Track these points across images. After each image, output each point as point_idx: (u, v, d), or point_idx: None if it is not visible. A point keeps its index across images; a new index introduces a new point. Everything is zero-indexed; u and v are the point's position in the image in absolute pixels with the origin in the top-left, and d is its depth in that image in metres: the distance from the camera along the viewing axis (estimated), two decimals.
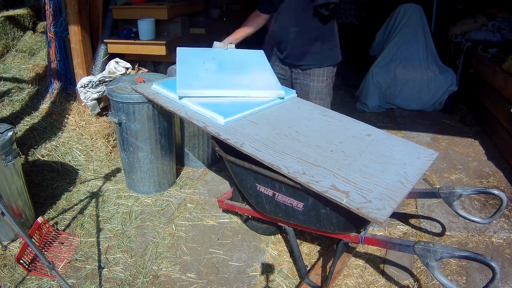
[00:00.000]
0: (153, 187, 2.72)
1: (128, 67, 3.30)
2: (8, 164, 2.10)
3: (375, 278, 2.06)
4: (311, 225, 1.76)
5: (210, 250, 2.26)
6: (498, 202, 2.45)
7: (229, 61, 2.40)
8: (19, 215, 2.27)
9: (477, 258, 1.44)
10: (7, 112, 3.51)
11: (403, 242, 1.63)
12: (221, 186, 2.88)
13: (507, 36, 4.26)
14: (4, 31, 5.23)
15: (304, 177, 1.56)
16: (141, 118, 2.44)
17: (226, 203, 2.31)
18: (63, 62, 3.55)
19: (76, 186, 2.79)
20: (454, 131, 3.72)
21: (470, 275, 2.06)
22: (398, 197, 1.49)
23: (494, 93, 3.49)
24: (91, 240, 2.31)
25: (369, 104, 4.24)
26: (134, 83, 2.52)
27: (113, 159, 3.13)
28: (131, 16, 3.45)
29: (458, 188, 1.98)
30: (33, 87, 3.98)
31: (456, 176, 2.96)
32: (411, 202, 2.64)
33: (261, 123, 1.98)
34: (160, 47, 3.30)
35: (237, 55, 2.47)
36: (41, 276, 2.02)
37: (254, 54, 2.50)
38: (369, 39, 4.99)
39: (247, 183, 1.87)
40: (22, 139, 3.09)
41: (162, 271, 2.10)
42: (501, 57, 3.56)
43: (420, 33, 4.22)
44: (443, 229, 2.38)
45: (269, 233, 2.35)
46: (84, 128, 3.27)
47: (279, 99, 2.21)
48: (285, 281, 2.05)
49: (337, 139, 1.88)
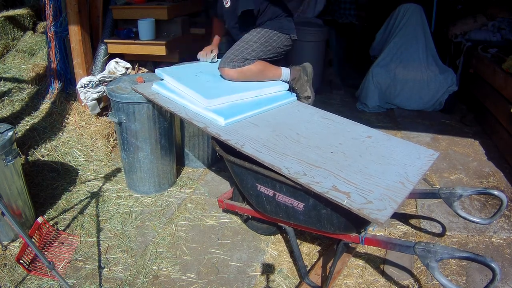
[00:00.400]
0: (153, 187, 2.72)
1: (128, 67, 3.29)
2: (8, 164, 2.10)
3: (375, 278, 2.06)
4: (312, 225, 1.76)
5: (210, 250, 2.26)
6: (498, 202, 2.46)
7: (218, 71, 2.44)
8: (19, 215, 2.27)
9: (477, 259, 1.45)
10: (7, 112, 3.51)
11: (403, 243, 1.64)
12: (221, 186, 2.88)
13: (507, 36, 4.26)
14: (4, 31, 5.22)
15: (304, 178, 1.56)
16: (141, 118, 2.44)
17: (226, 203, 2.31)
18: (63, 62, 3.55)
19: (76, 186, 2.79)
20: (454, 131, 3.72)
21: (470, 275, 2.06)
22: (399, 198, 1.49)
23: (494, 93, 3.49)
24: (91, 240, 2.31)
25: (369, 104, 4.24)
26: (134, 83, 2.52)
27: (113, 159, 3.13)
28: (131, 16, 3.44)
29: (458, 189, 1.98)
30: (33, 87, 3.98)
31: (456, 176, 2.96)
32: (411, 202, 2.65)
33: (262, 125, 1.98)
34: (160, 47, 3.30)
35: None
36: (41, 276, 2.02)
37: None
38: (369, 39, 4.98)
39: (248, 183, 1.87)
40: (22, 139, 3.09)
41: (162, 271, 2.10)
42: (501, 57, 3.56)
43: (420, 33, 4.22)
44: (443, 229, 2.38)
45: (269, 233, 2.35)
46: (84, 128, 3.27)
47: (278, 102, 2.23)
48: (285, 281, 2.05)
49: (337, 140, 1.88)
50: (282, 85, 2.36)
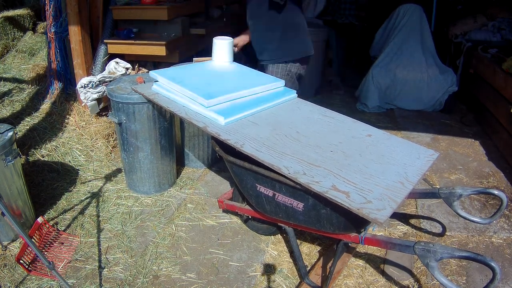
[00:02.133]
0: (153, 187, 2.72)
1: (128, 67, 3.30)
2: (8, 164, 2.10)
3: (375, 278, 2.06)
4: (311, 225, 1.76)
5: (210, 250, 2.26)
6: (498, 202, 2.46)
7: (215, 72, 2.44)
8: (19, 215, 2.27)
9: (477, 258, 1.44)
10: (7, 112, 3.51)
11: (403, 243, 1.63)
12: (221, 186, 2.88)
13: (507, 36, 4.26)
14: (4, 31, 5.23)
15: (304, 177, 1.56)
16: (141, 118, 2.44)
17: (226, 203, 2.31)
18: (63, 62, 3.55)
19: (76, 186, 2.79)
20: (454, 131, 3.72)
21: (470, 275, 2.06)
22: (399, 198, 1.49)
23: (494, 93, 3.49)
24: (91, 240, 2.31)
25: (369, 104, 4.24)
26: (134, 83, 2.52)
27: (113, 159, 3.13)
28: (131, 16, 3.45)
29: (458, 188, 1.98)
30: (33, 88, 3.98)
31: (456, 176, 2.96)
32: (411, 202, 2.64)
33: (261, 123, 1.98)
34: (160, 47, 3.30)
35: (216, 67, 2.51)
36: (41, 276, 2.02)
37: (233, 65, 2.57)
38: (369, 39, 4.99)
39: (247, 183, 1.87)
40: (22, 139, 3.09)
41: (162, 271, 2.10)
42: (501, 57, 3.56)
43: (420, 33, 4.22)
44: (443, 229, 2.38)
45: (269, 233, 2.35)
46: (84, 128, 3.27)
47: (279, 99, 2.23)
48: (285, 281, 2.05)
49: (337, 139, 1.88)
50: (279, 81, 2.36)
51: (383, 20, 4.70)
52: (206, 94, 2.03)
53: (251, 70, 2.51)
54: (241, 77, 2.38)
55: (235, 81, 2.31)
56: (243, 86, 2.19)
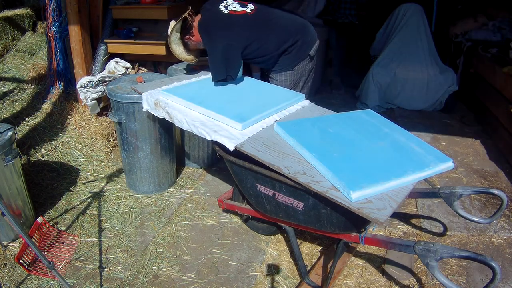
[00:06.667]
0: (153, 187, 2.72)
1: (128, 67, 3.29)
2: (8, 164, 2.10)
3: (376, 278, 2.06)
4: (312, 225, 1.76)
5: (210, 250, 2.26)
6: (498, 202, 2.45)
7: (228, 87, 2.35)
8: (19, 215, 2.27)
9: (478, 258, 1.44)
10: (7, 112, 3.51)
11: (404, 242, 1.63)
12: (221, 186, 2.88)
13: (508, 36, 4.25)
14: (4, 31, 5.22)
15: (304, 177, 1.56)
16: (141, 118, 2.44)
17: (226, 203, 2.30)
18: (63, 62, 3.55)
19: (76, 186, 2.79)
20: (455, 131, 3.72)
21: (471, 275, 2.06)
22: (399, 197, 1.49)
23: (494, 92, 3.48)
24: (91, 240, 2.31)
25: (369, 104, 4.23)
26: (134, 83, 2.52)
27: (113, 159, 3.13)
28: (131, 16, 3.44)
29: (459, 188, 1.98)
30: (33, 87, 3.98)
31: (456, 176, 2.95)
32: (411, 202, 2.64)
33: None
34: (160, 47, 3.30)
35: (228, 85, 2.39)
36: (41, 276, 2.02)
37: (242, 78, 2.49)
38: (369, 39, 4.98)
39: (247, 183, 1.87)
40: (22, 139, 3.09)
41: (162, 271, 2.10)
42: (502, 57, 3.55)
43: (420, 33, 4.21)
44: (443, 229, 2.38)
45: (269, 233, 2.35)
46: (84, 128, 3.27)
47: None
48: (285, 281, 2.05)
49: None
50: (300, 95, 2.26)
51: (383, 20, 4.69)
52: (237, 116, 1.92)
53: (262, 82, 2.46)
54: (259, 92, 2.30)
55: (255, 97, 2.22)
56: (268, 103, 2.10)
